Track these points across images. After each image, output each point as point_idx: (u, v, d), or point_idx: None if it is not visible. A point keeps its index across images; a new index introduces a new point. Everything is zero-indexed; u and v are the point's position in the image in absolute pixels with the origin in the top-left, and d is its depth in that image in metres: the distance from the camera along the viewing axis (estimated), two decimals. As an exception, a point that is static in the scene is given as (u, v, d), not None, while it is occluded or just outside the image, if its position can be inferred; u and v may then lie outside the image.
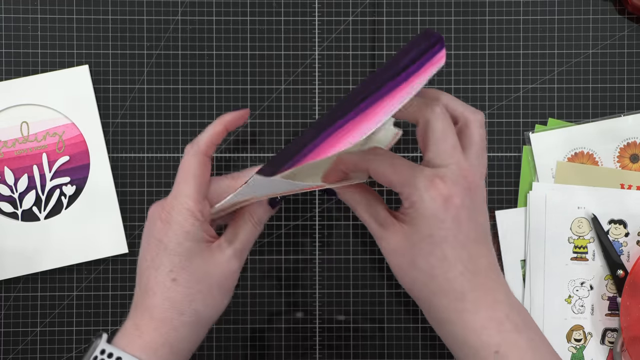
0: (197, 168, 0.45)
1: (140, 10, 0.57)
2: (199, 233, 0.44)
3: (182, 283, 0.44)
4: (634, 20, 0.58)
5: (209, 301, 0.45)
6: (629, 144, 0.57)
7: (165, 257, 0.44)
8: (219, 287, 0.45)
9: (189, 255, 0.44)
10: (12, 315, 0.57)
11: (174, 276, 0.44)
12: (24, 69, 0.57)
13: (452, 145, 0.42)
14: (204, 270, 0.44)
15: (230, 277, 0.46)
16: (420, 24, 0.57)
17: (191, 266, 0.44)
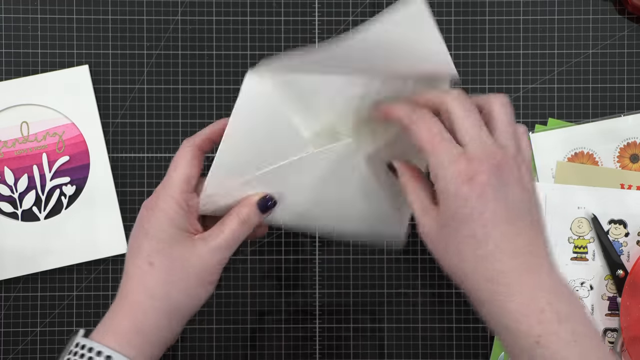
0: (189, 159, 0.45)
1: (140, 10, 0.57)
2: (182, 222, 0.44)
3: (158, 267, 0.43)
4: (634, 20, 0.58)
5: (184, 289, 0.44)
6: (629, 144, 0.57)
7: (145, 242, 0.44)
8: (197, 277, 0.44)
9: (170, 241, 0.43)
10: (12, 315, 0.57)
11: (151, 260, 0.43)
12: (24, 69, 0.57)
13: (474, 124, 0.41)
14: (184, 258, 0.44)
15: (210, 269, 0.44)
16: (420, 24, 0.57)
17: (170, 251, 0.43)
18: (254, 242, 0.57)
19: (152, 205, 0.45)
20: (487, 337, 0.57)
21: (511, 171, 0.41)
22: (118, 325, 0.43)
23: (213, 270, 0.45)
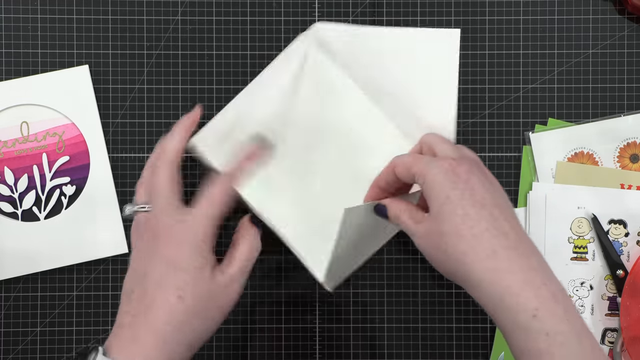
0: (223, 194, 0.48)
1: (140, 10, 0.57)
2: (207, 253, 0.46)
3: (187, 302, 0.44)
4: (634, 20, 0.58)
5: (209, 320, 0.46)
6: (629, 144, 0.57)
7: (172, 275, 0.45)
8: (221, 309, 0.46)
9: (196, 275, 0.45)
10: (12, 315, 0.57)
11: (180, 294, 0.44)
12: (24, 69, 0.57)
13: (451, 145, 0.47)
14: (210, 292, 0.45)
15: (230, 299, 0.47)
16: (420, 24, 0.57)
17: (198, 285, 0.45)
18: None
19: (174, 233, 0.46)
20: (487, 337, 0.57)
21: (486, 170, 0.46)
22: (143, 348, 0.43)
23: (232, 298, 0.47)
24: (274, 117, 0.53)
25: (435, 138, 0.47)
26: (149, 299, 0.45)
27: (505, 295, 0.41)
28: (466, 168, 0.43)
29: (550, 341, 0.39)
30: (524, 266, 0.41)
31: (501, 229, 0.42)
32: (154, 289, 0.45)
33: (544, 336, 0.40)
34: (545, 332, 0.40)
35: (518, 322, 0.40)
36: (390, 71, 0.54)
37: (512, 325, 0.41)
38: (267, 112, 0.54)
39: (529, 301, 0.40)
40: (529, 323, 0.40)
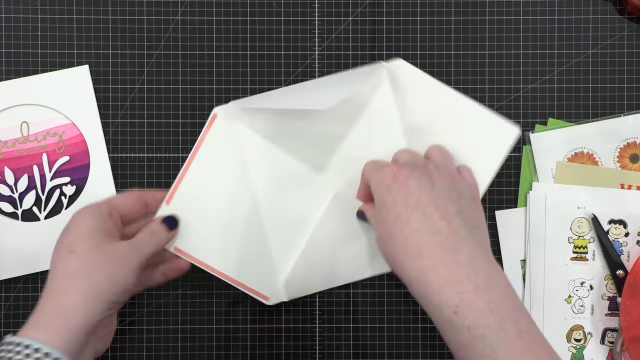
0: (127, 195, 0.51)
1: (140, 10, 0.57)
2: (101, 222, 0.47)
3: (78, 252, 0.45)
4: (634, 20, 0.58)
5: (105, 271, 0.45)
6: (629, 144, 0.57)
7: (66, 237, 0.47)
8: (116, 259, 0.46)
9: (88, 233, 0.46)
10: (12, 315, 0.57)
11: (71, 248, 0.46)
12: (24, 69, 0.57)
13: (409, 152, 0.50)
14: (101, 245, 0.46)
15: (125, 254, 0.47)
16: (420, 24, 0.58)
17: (87, 240, 0.46)
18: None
19: (76, 212, 0.48)
20: (487, 337, 0.57)
21: (438, 170, 0.47)
22: (39, 312, 0.44)
23: (129, 257, 0.47)
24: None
25: (402, 149, 0.50)
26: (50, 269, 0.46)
27: (428, 292, 0.43)
28: (405, 172, 0.46)
29: (472, 334, 0.41)
30: (449, 262, 0.43)
31: (432, 226, 0.44)
32: (53, 256, 0.47)
33: (466, 330, 0.41)
34: (467, 326, 0.41)
35: (443, 317, 0.42)
36: (439, 129, 0.54)
37: (439, 320, 0.43)
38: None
39: (450, 298, 0.42)
40: (451, 319, 0.42)
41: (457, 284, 0.42)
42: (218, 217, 0.53)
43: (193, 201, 0.53)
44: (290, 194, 0.54)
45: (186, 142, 0.57)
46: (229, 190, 0.53)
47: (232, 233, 0.53)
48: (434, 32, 0.58)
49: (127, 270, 0.46)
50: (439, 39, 0.58)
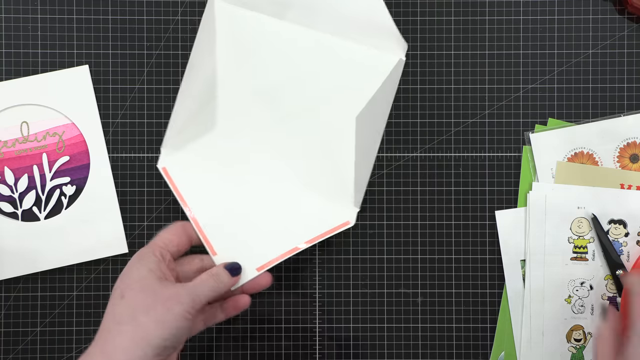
0: (176, 232, 0.51)
1: (140, 10, 0.57)
2: (154, 265, 0.47)
3: (127, 297, 0.45)
4: (634, 20, 0.58)
5: (152, 313, 0.44)
6: (629, 144, 0.57)
7: (120, 283, 0.47)
8: (164, 303, 0.45)
9: (140, 278, 0.46)
10: (12, 315, 0.57)
11: (122, 294, 0.46)
12: (24, 69, 0.57)
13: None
14: (151, 289, 0.45)
15: (176, 297, 0.45)
16: (420, 24, 0.58)
17: (138, 284, 0.46)
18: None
19: (134, 260, 0.48)
20: (487, 337, 0.57)
21: None
22: (87, 356, 0.44)
23: (180, 300, 0.45)
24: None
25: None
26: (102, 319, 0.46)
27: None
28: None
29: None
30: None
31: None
32: (108, 304, 0.46)
33: None
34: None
35: None
36: None
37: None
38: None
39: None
40: None
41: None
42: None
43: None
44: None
45: (186, 142, 0.57)
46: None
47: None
48: (434, 32, 0.58)
49: (176, 313, 0.45)
50: (439, 39, 0.58)
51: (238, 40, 0.55)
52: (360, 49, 0.54)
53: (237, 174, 0.55)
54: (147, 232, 0.57)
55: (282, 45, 0.55)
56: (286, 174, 0.55)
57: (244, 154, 0.55)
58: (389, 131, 0.57)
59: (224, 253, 0.52)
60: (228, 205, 0.54)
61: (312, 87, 0.55)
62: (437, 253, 0.57)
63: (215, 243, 0.53)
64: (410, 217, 0.57)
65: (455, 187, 0.58)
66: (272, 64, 0.55)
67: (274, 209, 0.55)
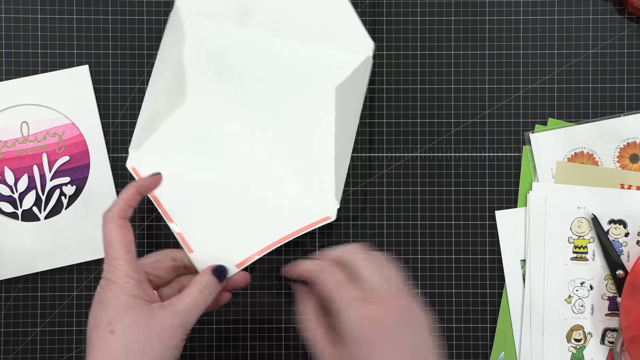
0: (118, 231, 0.45)
1: (140, 10, 0.57)
2: (136, 290, 0.44)
3: (119, 333, 0.43)
4: (634, 20, 0.58)
5: (148, 352, 0.43)
6: (629, 144, 0.57)
7: (103, 312, 0.44)
8: (159, 339, 0.43)
9: (127, 309, 0.44)
10: (12, 315, 0.57)
11: (111, 328, 0.43)
12: (24, 69, 0.57)
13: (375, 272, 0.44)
14: (142, 321, 0.43)
15: (171, 330, 0.44)
16: (420, 24, 0.58)
17: (127, 317, 0.43)
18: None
19: (106, 282, 0.45)
20: (487, 337, 0.57)
21: (408, 311, 0.43)
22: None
23: (173, 332, 0.44)
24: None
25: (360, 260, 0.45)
26: (88, 344, 0.44)
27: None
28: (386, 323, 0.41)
29: None
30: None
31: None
32: (91, 332, 0.44)
33: None
34: None
35: None
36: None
37: None
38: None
39: None
40: None
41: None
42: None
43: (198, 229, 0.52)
44: None
45: (186, 142, 0.57)
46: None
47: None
48: (434, 32, 0.58)
49: (172, 346, 0.44)
50: (439, 39, 0.58)
51: (203, 47, 0.55)
52: (324, 51, 0.54)
53: (211, 168, 0.55)
54: (147, 232, 0.57)
55: (246, 53, 0.55)
56: (263, 169, 0.55)
57: (217, 146, 0.55)
58: (389, 131, 0.57)
59: (200, 250, 0.51)
60: (202, 200, 0.53)
61: (279, 88, 0.55)
62: (437, 253, 0.57)
63: (191, 240, 0.51)
64: (410, 217, 0.57)
65: (455, 187, 0.58)
66: (237, 71, 0.55)
67: (251, 203, 0.54)
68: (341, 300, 0.42)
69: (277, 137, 0.55)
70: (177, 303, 0.45)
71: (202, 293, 0.46)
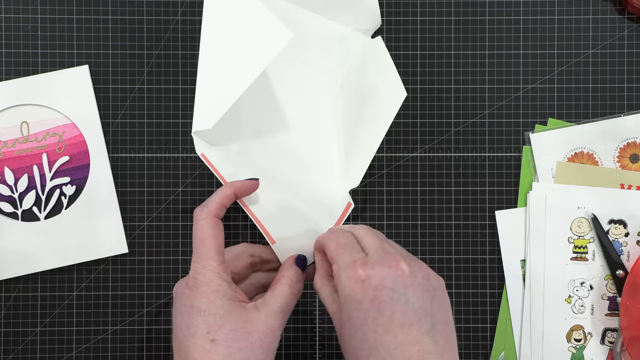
0: (211, 230, 0.44)
1: (140, 10, 0.57)
2: (229, 292, 0.43)
3: (221, 342, 0.41)
4: (634, 20, 0.58)
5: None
6: (629, 144, 0.57)
7: (200, 320, 0.42)
8: (261, 345, 0.42)
9: (225, 315, 0.42)
10: (12, 315, 0.57)
11: (212, 337, 0.42)
12: (24, 69, 0.57)
13: (376, 238, 0.44)
14: (242, 328, 0.42)
15: (271, 334, 0.43)
16: (420, 24, 0.58)
17: (228, 324, 0.42)
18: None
19: (195, 283, 0.43)
20: (487, 337, 0.57)
21: (410, 274, 0.41)
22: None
23: (273, 336, 0.43)
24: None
25: (362, 230, 0.45)
26: (184, 353, 0.42)
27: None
28: (377, 282, 0.40)
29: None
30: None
31: (402, 355, 0.39)
32: (188, 340, 0.42)
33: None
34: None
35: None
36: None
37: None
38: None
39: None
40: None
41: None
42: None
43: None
44: None
45: (186, 142, 0.57)
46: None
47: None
48: (434, 32, 0.58)
49: (274, 350, 0.43)
50: (439, 39, 0.58)
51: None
52: (344, 29, 0.56)
53: (274, 154, 0.54)
54: (147, 232, 0.57)
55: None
56: (294, 157, 0.55)
57: (269, 137, 0.55)
58: (389, 131, 0.57)
59: (281, 241, 0.49)
60: (273, 188, 0.52)
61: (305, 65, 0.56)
62: (437, 253, 0.57)
63: (272, 230, 0.49)
64: (410, 217, 0.57)
65: (455, 187, 0.58)
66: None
67: (303, 193, 0.53)
68: (340, 261, 0.42)
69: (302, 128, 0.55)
70: (271, 303, 0.44)
71: (294, 289, 0.45)
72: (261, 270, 0.50)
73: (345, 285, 0.41)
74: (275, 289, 0.45)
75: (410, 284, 0.41)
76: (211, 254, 0.44)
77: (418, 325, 0.40)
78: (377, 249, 0.43)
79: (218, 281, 0.43)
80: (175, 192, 0.57)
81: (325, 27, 0.56)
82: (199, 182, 0.57)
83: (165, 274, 0.57)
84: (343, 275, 0.41)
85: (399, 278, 0.41)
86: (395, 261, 0.41)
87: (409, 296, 0.40)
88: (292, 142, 0.55)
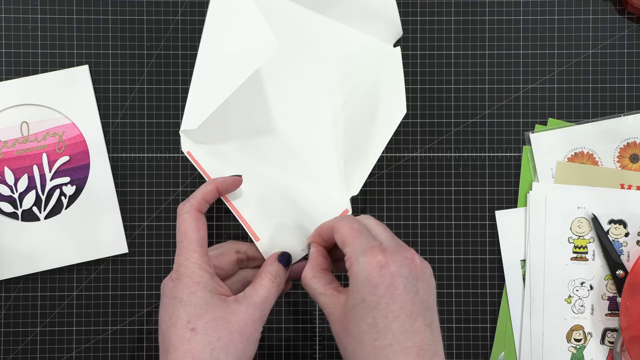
0: (193, 223, 0.45)
1: (140, 10, 0.57)
2: (210, 284, 0.44)
3: (201, 331, 0.43)
4: (634, 20, 0.58)
5: (231, 350, 0.43)
6: (629, 144, 0.57)
7: (181, 310, 0.43)
8: (240, 334, 0.43)
9: (205, 306, 0.43)
10: (12, 315, 0.57)
11: (192, 326, 0.43)
12: (24, 69, 0.57)
13: (386, 230, 0.45)
14: (222, 318, 0.43)
15: (250, 325, 0.44)
16: (420, 24, 0.58)
17: (207, 314, 0.43)
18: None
19: (177, 275, 0.44)
20: (487, 337, 0.57)
21: (421, 268, 0.43)
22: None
23: (254, 327, 0.44)
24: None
25: (372, 222, 0.46)
26: (166, 343, 0.43)
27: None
28: (395, 269, 0.41)
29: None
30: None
31: (406, 342, 0.40)
32: (170, 331, 0.43)
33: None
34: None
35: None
36: None
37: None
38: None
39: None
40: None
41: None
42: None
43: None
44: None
45: (186, 142, 0.57)
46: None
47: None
48: (434, 32, 0.58)
49: (254, 340, 0.44)
50: (439, 39, 0.58)
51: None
52: (360, 35, 0.56)
53: (265, 155, 0.54)
54: (147, 232, 0.57)
55: (293, 24, 0.55)
56: (289, 160, 0.55)
57: (259, 138, 0.55)
58: (389, 131, 0.57)
59: (266, 238, 0.50)
60: (260, 185, 0.52)
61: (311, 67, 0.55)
62: (437, 253, 0.57)
63: (256, 227, 0.50)
64: (410, 217, 0.57)
65: (455, 187, 0.58)
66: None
67: (292, 194, 0.53)
68: (357, 245, 0.43)
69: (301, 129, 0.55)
70: (252, 295, 0.45)
71: (274, 282, 0.46)
72: (248, 267, 0.51)
73: (364, 268, 0.42)
74: (255, 283, 0.46)
75: (420, 278, 0.43)
76: (193, 246, 0.45)
77: (423, 317, 0.42)
78: (391, 240, 0.44)
79: (200, 272, 0.44)
80: (175, 192, 0.57)
81: (334, 31, 0.56)
82: (199, 182, 0.57)
83: (165, 274, 0.57)
84: (362, 259, 0.42)
85: (413, 270, 0.42)
86: (410, 254, 0.43)
87: (419, 289, 0.42)
88: (285, 144, 0.54)
